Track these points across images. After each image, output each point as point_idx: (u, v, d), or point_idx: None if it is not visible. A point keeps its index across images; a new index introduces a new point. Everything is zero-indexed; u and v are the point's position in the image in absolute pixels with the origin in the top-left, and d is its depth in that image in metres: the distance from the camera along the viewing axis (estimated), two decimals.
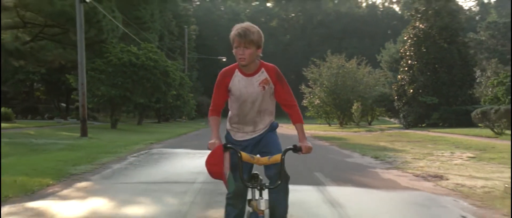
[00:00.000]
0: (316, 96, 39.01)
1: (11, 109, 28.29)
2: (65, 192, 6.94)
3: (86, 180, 8.10)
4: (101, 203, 6.13)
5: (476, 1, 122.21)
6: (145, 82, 24.69)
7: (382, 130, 31.56)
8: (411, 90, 32.18)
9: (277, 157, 3.10)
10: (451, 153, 14.01)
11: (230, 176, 3.06)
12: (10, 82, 34.95)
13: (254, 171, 3.43)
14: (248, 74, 3.27)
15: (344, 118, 40.62)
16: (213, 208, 5.72)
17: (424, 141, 19.53)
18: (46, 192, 6.87)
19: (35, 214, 5.51)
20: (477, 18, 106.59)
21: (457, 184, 8.21)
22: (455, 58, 31.12)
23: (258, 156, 3.32)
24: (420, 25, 32.53)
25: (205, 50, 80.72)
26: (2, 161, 9.59)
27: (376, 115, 44.94)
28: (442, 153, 13.91)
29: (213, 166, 2.98)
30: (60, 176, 8.20)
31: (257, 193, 3.08)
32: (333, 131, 31.50)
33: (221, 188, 5.19)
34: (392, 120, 47.34)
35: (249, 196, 3.22)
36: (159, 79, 25.01)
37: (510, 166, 10.64)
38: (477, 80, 35.45)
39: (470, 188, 7.75)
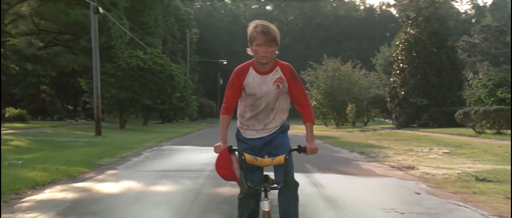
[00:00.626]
0: (313, 98, 40.62)
1: (24, 110, 29.77)
2: (99, 177, 8.51)
3: (113, 169, 9.67)
4: (131, 184, 7.70)
5: (472, 5, 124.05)
6: (152, 85, 26.30)
7: (375, 130, 33.11)
8: (403, 92, 33.76)
9: (280, 158, 3.09)
10: (430, 149, 15.57)
11: (242, 176, 3.07)
12: (22, 85, 36.48)
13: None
14: (263, 72, 3.26)
15: (340, 118, 42.21)
16: (221, 187, 7.25)
17: (410, 139, 21.08)
18: (84, 177, 8.44)
19: (83, 190, 7.09)
20: (473, 20, 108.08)
21: (423, 172, 9.77)
22: (444, 62, 32.68)
23: (266, 157, 3.34)
24: (411, 31, 34.14)
25: (205, 52, 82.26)
26: (37, 154, 11.14)
27: (372, 116, 46.48)
28: (422, 149, 15.47)
29: (222, 170, 3.03)
30: (91, 166, 9.77)
31: (262, 195, 3.06)
32: (328, 131, 33.06)
33: None
34: (387, 120, 48.86)
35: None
36: (165, 83, 26.64)
37: (477, 160, 12.23)
38: (470, 82, 36.98)
39: (433, 175, 9.31)
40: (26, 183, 7.29)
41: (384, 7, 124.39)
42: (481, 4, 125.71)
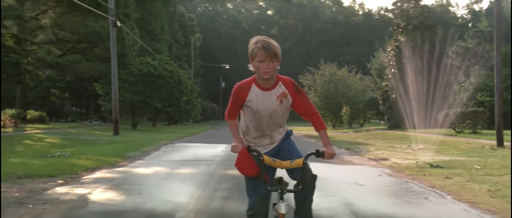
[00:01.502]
0: (311, 101, 42.74)
1: (43, 112, 31.93)
2: (132, 164, 10.68)
3: (140, 159, 11.84)
4: (158, 169, 9.87)
5: (468, 10, 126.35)
6: (162, 89, 28.49)
7: (368, 130, 35.25)
8: (394, 96, 35.84)
9: (299, 161, 3.08)
10: (408, 145, 17.71)
11: (263, 171, 3.05)
12: (38, 89, 38.65)
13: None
14: (266, 88, 3.21)
15: (336, 120, 44.37)
16: (230, 170, 9.38)
17: (395, 138, 23.22)
18: (120, 165, 10.61)
19: (123, 172, 9.25)
20: (469, 25, 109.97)
21: (393, 162, 11.92)
22: (431, 68, 34.74)
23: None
24: (401, 39, 36.29)
25: (208, 56, 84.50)
26: (74, 149, 13.28)
27: (368, 118, 48.62)
28: (401, 146, 17.62)
29: (247, 170, 3.06)
30: (122, 157, 11.96)
31: (278, 197, 3.03)
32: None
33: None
34: (382, 122, 50.96)
35: (274, 201, 3.15)
36: (173, 87, 28.84)
37: (442, 154, 14.35)
38: (463, 86, 38.95)
39: (399, 164, 11.45)
40: (80, 168, 9.47)
41: (382, 12, 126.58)
42: (477, 9, 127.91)
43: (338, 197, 6.79)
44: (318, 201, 6.29)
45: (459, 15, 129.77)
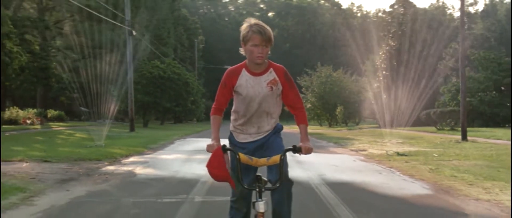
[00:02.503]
0: (308, 101, 45.17)
1: (62, 112, 34.37)
2: (155, 153, 13.11)
3: (160, 149, 14.27)
4: (178, 155, 12.29)
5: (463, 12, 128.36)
6: (170, 91, 30.90)
7: (361, 128, 37.67)
8: (385, 96, 38.22)
9: (276, 158, 2.99)
10: (389, 140, 20.06)
11: (234, 177, 3.00)
12: (56, 88, 40.99)
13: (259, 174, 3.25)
14: (256, 73, 3.14)
15: (332, 119, 46.82)
16: None
17: (382, 135, 25.51)
18: (146, 153, 13.04)
19: (151, 158, 11.67)
20: (465, 27, 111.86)
21: (369, 152, 14.31)
22: (418, 70, 37.13)
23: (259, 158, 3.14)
24: (392, 43, 38.71)
25: (210, 57, 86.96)
26: (104, 142, 15.69)
27: (365, 117, 51.08)
28: (382, 140, 19.98)
29: (215, 169, 2.92)
30: (146, 148, 14.40)
31: (257, 195, 2.95)
32: (320, 130, 37.61)
33: None
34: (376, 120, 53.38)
35: (253, 199, 3.01)
36: (181, 88, 31.28)
37: (414, 146, 16.73)
38: (446, 87, 41.30)
39: (373, 153, 13.85)
40: (116, 154, 11.90)
41: (380, 14, 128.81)
42: (473, 11, 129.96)
43: (315, 171, 9.20)
44: (299, 173, 8.75)
45: (455, 17, 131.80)
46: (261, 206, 2.89)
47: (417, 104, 36.81)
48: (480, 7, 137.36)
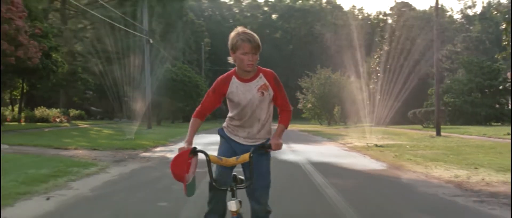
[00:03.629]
0: (309, 102, 47.80)
1: (82, 111, 37.21)
2: (176, 145, 15.79)
3: (180, 142, 16.95)
4: (196, 146, 15.00)
5: (462, 14, 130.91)
6: (181, 92, 33.64)
7: (357, 127, 40.27)
8: (379, 97, 40.83)
9: (245, 156, 3.02)
10: (376, 136, 22.69)
11: (193, 182, 3.03)
12: (82, 90, 43.85)
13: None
14: (246, 79, 3.17)
15: (331, 118, 49.50)
16: None
17: (373, 132, 28.17)
18: (169, 144, 15.77)
19: (176, 148, 14.39)
20: (469, 27, 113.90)
21: (354, 145, 16.97)
22: (411, 73, 39.70)
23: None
24: (385, 48, 41.33)
25: (215, 59, 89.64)
26: (129, 136, 18.40)
27: (361, 117, 53.63)
28: (370, 136, 22.60)
29: (175, 167, 2.95)
30: (167, 140, 17.14)
31: (230, 194, 3.00)
32: (319, 128, 40.28)
33: None
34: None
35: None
36: (192, 90, 34.04)
37: (393, 140, 19.37)
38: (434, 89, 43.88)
39: (357, 146, 16.50)
40: (146, 145, 14.63)
41: (381, 16, 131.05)
42: (471, 13, 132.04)
43: (304, 156, 11.89)
44: (291, 157, 11.43)
45: (455, 18, 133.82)
46: (233, 205, 2.91)
47: (404, 104, 39.43)
48: (478, 9, 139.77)
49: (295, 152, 13.04)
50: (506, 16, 23.74)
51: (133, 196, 6.57)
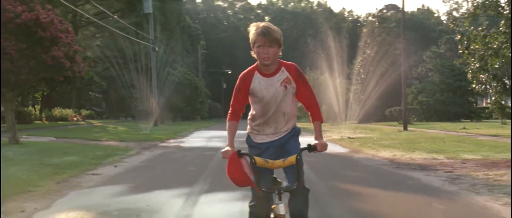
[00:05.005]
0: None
1: (92, 111, 40.35)
2: (185, 138, 18.97)
3: (186, 137, 20.14)
4: (201, 139, 18.18)
5: (448, 16, 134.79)
6: (182, 94, 36.75)
7: (341, 124, 43.60)
8: (362, 97, 44.14)
9: (292, 159, 2.95)
10: (354, 131, 25.94)
11: (255, 180, 2.93)
12: (96, 90, 46.85)
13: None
14: (268, 74, 3.07)
15: None
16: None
17: (352, 128, 31.49)
18: (178, 138, 18.92)
19: (185, 140, 17.57)
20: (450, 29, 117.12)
21: (331, 137, 20.18)
22: (392, 76, 43.01)
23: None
24: (368, 51, 44.67)
25: (210, 60, 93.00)
26: (146, 131, 21.54)
27: (347, 115, 57.03)
28: (348, 131, 25.83)
29: (234, 174, 2.88)
30: (176, 135, 20.28)
31: (276, 198, 2.90)
32: (308, 125, 43.51)
33: None
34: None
35: (272, 202, 3.02)
36: (192, 92, 37.20)
37: (367, 134, 22.63)
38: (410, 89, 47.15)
39: (333, 138, 19.72)
40: (161, 138, 17.80)
41: (370, 18, 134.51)
42: (457, 15, 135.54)
43: None
44: None
45: (442, 20, 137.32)
46: (281, 208, 2.84)
47: (385, 103, 42.77)
48: (464, 10, 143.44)
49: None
50: (461, 29, 26.96)
51: (169, 165, 9.79)
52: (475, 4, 22.49)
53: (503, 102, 29.90)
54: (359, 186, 7.38)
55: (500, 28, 22.47)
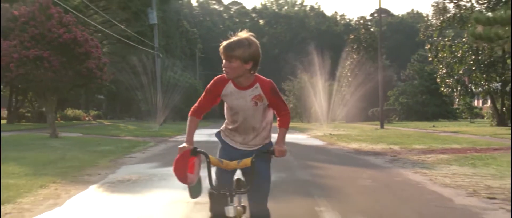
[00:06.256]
0: (291, 102, 54.06)
1: (100, 111, 42.98)
2: None
3: None
4: (205, 135, 20.97)
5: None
6: (183, 96, 39.54)
7: (328, 123, 46.48)
8: (348, 98, 47.10)
9: (247, 161, 2.91)
10: (337, 129, 28.77)
11: (198, 184, 2.92)
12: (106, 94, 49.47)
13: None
14: (241, 87, 2.98)
15: (310, 117, 55.77)
16: None
17: (336, 126, 34.38)
18: (184, 134, 21.70)
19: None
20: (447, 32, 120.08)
21: (316, 134, 23.01)
22: (376, 78, 45.98)
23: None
24: (354, 56, 47.63)
25: (207, 62, 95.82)
26: (154, 129, 24.29)
27: (334, 115, 60.02)
28: (334, 129, 28.70)
29: (176, 170, 2.80)
30: (181, 132, 23.03)
31: (229, 199, 2.84)
32: (297, 125, 46.43)
33: None
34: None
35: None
36: (192, 94, 39.97)
37: (348, 132, 25.55)
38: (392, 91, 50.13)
39: (318, 134, 22.54)
40: (169, 134, 20.57)
41: (362, 21, 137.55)
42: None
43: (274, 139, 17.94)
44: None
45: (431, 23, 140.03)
46: (230, 211, 2.77)
47: (370, 104, 45.67)
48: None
49: (273, 138, 18.97)
50: (430, 39, 29.93)
51: None
52: (441, 19, 25.51)
53: (471, 103, 33.06)
54: (322, 163, 10.23)
55: (464, 39, 25.51)
